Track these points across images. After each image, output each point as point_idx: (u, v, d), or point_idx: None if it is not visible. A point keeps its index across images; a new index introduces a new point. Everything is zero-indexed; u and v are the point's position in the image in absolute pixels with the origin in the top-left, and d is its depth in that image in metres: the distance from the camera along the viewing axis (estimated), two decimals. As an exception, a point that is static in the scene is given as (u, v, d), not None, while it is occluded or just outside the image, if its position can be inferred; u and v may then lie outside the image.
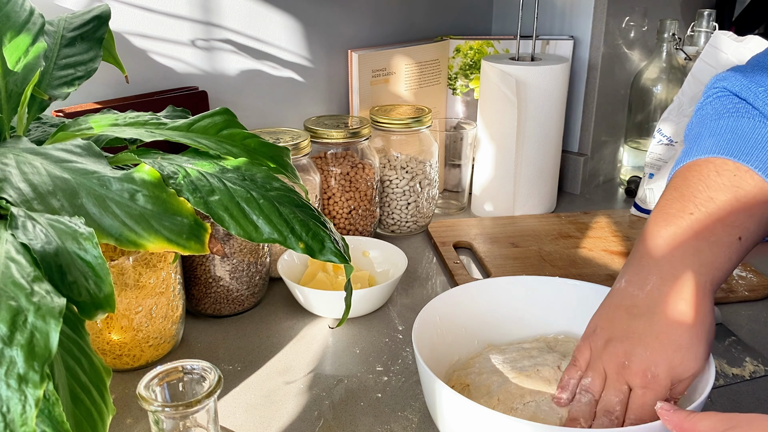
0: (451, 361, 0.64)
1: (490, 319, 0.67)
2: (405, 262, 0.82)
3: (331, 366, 0.70)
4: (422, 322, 0.61)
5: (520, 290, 0.68)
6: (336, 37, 1.06)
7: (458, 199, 1.12)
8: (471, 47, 1.15)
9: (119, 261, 0.63)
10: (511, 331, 0.67)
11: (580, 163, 1.16)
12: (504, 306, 0.68)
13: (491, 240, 0.97)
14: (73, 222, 0.42)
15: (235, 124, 0.60)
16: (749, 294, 0.82)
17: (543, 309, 0.67)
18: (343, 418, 0.62)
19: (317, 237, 0.54)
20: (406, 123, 0.96)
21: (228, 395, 0.65)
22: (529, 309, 0.67)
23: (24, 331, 0.33)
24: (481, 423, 0.49)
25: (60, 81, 0.63)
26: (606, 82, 1.14)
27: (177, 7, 0.87)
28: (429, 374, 0.52)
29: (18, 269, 0.37)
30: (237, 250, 0.76)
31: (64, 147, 0.50)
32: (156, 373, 0.52)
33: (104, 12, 0.69)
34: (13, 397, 0.32)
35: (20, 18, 0.60)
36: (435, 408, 0.55)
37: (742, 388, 0.66)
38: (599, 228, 1.01)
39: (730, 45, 0.91)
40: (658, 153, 1.03)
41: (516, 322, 0.67)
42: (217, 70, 0.93)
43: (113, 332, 0.66)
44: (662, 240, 0.54)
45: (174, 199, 0.48)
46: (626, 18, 1.14)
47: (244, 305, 0.80)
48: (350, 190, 0.93)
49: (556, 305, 0.67)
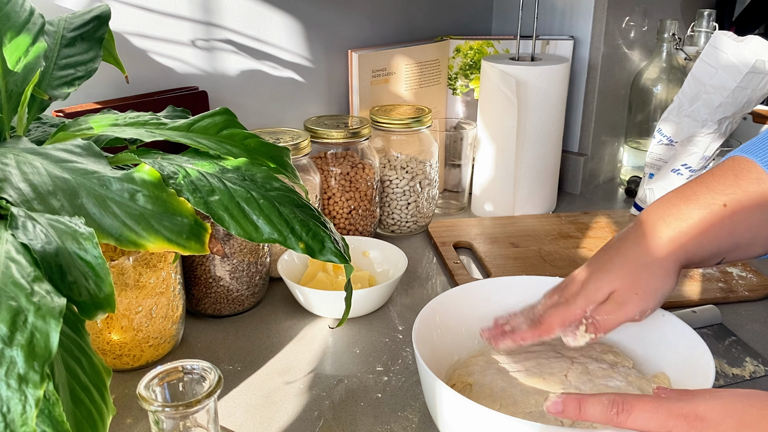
0: (451, 361, 0.63)
1: (490, 319, 0.67)
2: (405, 262, 0.82)
3: (331, 366, 0.70)
4: (422, 322, 0.60)
5: (521, 290, 0.68)
6: (336, 37, 1.06)
7: (458, 199, 1.12)
8: (471, 47, 1.15)
9: (119, 261, 0.63)
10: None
11: (580, 163, 1.16)
12: (504, 306, 0.68)
13: (491, 240, 0.97)
14: (73, 222, 0.42)
15: (235, 124, 0.60)
16: (749, 294, 0.82)
17: None
18: (343, 418, 0.62)
19: (317, 237, 0.54)
20: (406, 123, 0.96)
21: (228, 395, 0.65)
22: None
23: (24, 331, 0.33)
24: (482, 423, 0.49)
25: (60, 81, 0.63)
26: (606, 82, 1.14)
27: (177, 7, 0.87)
28: (429, 374, 0.52)
29: (18, 269, 0.37)
30: (237, 250, 0.76)
31: (64, 147, 0.50)
32: (156, 373, 0.52)
33: (104, 12, 0.69)
34: (14, 397, 0.32)
35: (20, 18, 0.60)
36: (435, 408, 0.55)
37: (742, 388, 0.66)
38: (599, 228, 1.01)
39: (730, 45, 0.91)
40: (658, 153, 1.03)
41: None
42: (217, 70, 0.93)
43: (113, 332, 0.66)
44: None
45: (174, 199, 0.48)
46: (626, 18, 1.14)
47: (244, 305, 0.80)
48: (350, 190, 0.93)
49: None
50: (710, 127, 0.96)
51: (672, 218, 0.58)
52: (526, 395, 0.56)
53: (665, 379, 0.59)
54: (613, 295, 0.58)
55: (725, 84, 0.92)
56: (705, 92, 0.95)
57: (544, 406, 0.48)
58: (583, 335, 0.58)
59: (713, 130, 0.96)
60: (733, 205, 0.56)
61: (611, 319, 0.58)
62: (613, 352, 0.62)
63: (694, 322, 0.75)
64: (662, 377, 0.59)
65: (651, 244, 0.58)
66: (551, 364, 0.60)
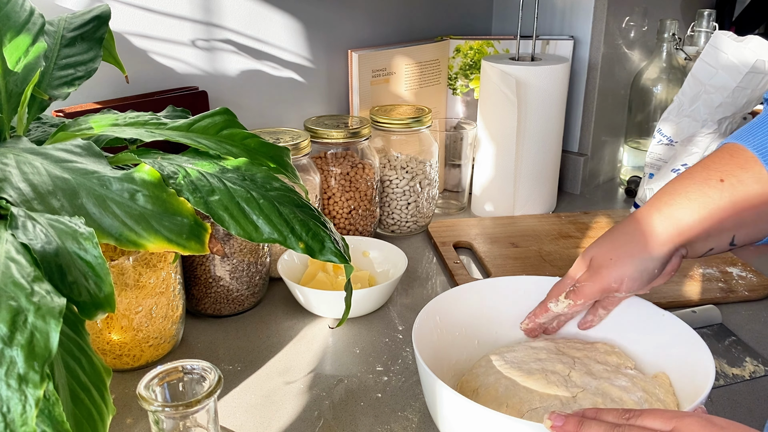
0: (450, 361, 0.63)
1: (490, 319, 0.67)
2: (405, 262, 0.82)
3: (331, 366, 0.70)
4: (422, 323, 0.60)
5: (520, 290, 0.68)
6: (336, 37, 1.06)
7: (458, 199, 1.12)
8: (471, 47, 1.15)
9: (119, 261, 0.63)
10: (511, 332, 0.67)
11: (580, 163, 1.16)
12: (504, 306, 0.68)
13: (491, 240, 0.97)
14: (73, 222, 0.42)
15: (235, 124, 0.60)
16: (749, 294, 0.82)
17: None
18: (343, 418, 0.62)
19: (317, 237, 0.54)
20: (406, 123, 0.96)
21: (228, 395, 0.65)
22: (529, 309, 0.67)
23: (24, 331, 0.33)
24: (483, 423, 0.49)
25: (60, 81, 0.63)
26: (606, 82, 1.14)
27: (177, 7, 0.87)
28: (430, 375, 0.52)
29: (18, 269, 0.37)
30: (237, 250, 0.76)
31: (64, 147, 0.50)
32: (156, 373, 0.52)
33: (104, 12, 0.69)
34: (14, 397, 0.32)
35: (20, 18, 0.60)
36: (435, 409, 0.55)
37: (742, 388, 0.66)
38: (599, 228, 1.01)
39: (730, 45, 0.91)
40: (658, 153, 1.03)
41: (516, 323, 0.67)
42: (217, 70, 0.93)
43: (113, 332, 0.66)
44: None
45: (174, 199, 0.48)
46: (626, 18, 1.14)
47: (244, 305, 0.80)
48: (350, 190, 0.93)
49: None
50: (710, 127, 0.96)
51: (665, 196, 0.59)
52: (530, 393, 0.56)
53: (666, 378, 0.59)
54: (591, 262, 0.61)
55: (725, 84, 0.92)
56: (705, 92, 0.95)
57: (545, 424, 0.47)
58: (563, 301, 0.62)
59: (713, 130, 0.96)
60: (729, 177, 0.56)
61: (588, 285, 0.60)
62: (616, 353, 0.62)
63: (694, 322, 0.75)
64: (663, 377, 0.59)
65: (637, 216, 0.60)
66: (554, 364, 0.60)
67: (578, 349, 0.63)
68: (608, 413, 0.47)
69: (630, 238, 0.59)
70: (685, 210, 0.57)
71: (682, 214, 0.57)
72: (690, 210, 0.57)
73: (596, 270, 0.60)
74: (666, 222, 0.57)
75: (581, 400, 0.55)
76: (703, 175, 0.57)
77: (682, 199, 0.57)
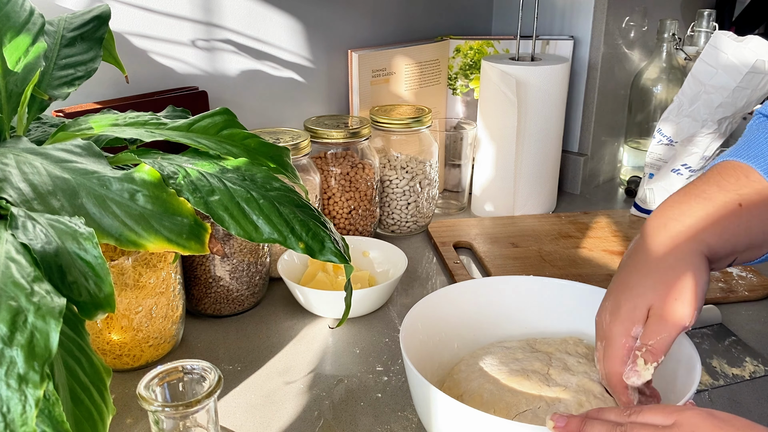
0: (434, 367, 0.62)
1: (485, 319, 0.67)
2: (405, 262, 0.82)
3: (331, 366, 0.70)
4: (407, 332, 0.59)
5: (520, 290, 0.68)
6: (336, 37, 1.06)
7: (458, 199, 1.12)
8: (471, 47, 1.15)
9: (119, 261, 0.63)
10: (503, 331, 0.67)
11: (580, 163, 1.16)
12: (503, 306, 0.67)
13: (491, 240, 0.97)
14: (73, 222, 0.42)
15: (235, 124, 0.60)
16: (749, 294, 0.82)
17: (529, 309, 0.67)
18: (343, 418, 0.62)
19: (317, 237, 0.54)
20: (406, 123, 0.96)
21: (228, 395, 0.65)
22: (507, 310, 0.67)
23: (24, 331, 0.33)
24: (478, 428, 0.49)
25: (60, 81, 0.63)
26: (606, 82, 1.14)
27: (177, 7, 0.87)
28: (421, 380, 0.51)
29: (18, 269, 0.37)
30: (237, 250, 0.76)
31: (64, 147, 0.50)
32: (156, 373, 0.52)
33: (104, 12, 0.69)
34: (13, 397, 0.32)
35: (20, 18, 0.60)
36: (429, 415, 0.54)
37: (742, 388, 0.66)
38: (599, 228, 1.01)
39: (730, 45, 0.91)
40: (658, 153, 1.03)
41: (505, 322, 0.67)
42: (217, 70, 0.93)
43: (113, 332, 0.66)
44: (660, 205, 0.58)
45: (174, 199, 0.48)
46: (626, 18, 1.14)
47: (244, 305, 0.80)
48: (350, 190, 0.93)
49: (550, 305, 0.67)
50: (710, 127, 0.96)
51: (682, 215, 0.55)
52: (516, 396, 0.55)
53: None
54: (653, 311, 0.53)
55: (725, 84, 0.92)
56: (705, 92, 0.95)
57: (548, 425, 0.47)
58: (646, 368, 0.52)
59: (713, 130, 0.96)
60: (747, 202, 0.55)
61: (664, 338, 0.52)
62: (584, 345, 0.62)
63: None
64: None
65: (668, 243, 0.54)
66: (532, 363, 0.59)
67: (550, 344, 0.63)
68: (610, 412, 0.47)
69: (680, 271, 0.53)
70: (712, 237, 0.54)
71: (712, 238, 0.54)
72: (715, 236, 0.54)
73: (666, 317, 0.52)
74: (699, 243, 0.54)
75: (566, 401, 0.55)
76: (721, 198, 0.55)
77: (709, 221, 0.54)
